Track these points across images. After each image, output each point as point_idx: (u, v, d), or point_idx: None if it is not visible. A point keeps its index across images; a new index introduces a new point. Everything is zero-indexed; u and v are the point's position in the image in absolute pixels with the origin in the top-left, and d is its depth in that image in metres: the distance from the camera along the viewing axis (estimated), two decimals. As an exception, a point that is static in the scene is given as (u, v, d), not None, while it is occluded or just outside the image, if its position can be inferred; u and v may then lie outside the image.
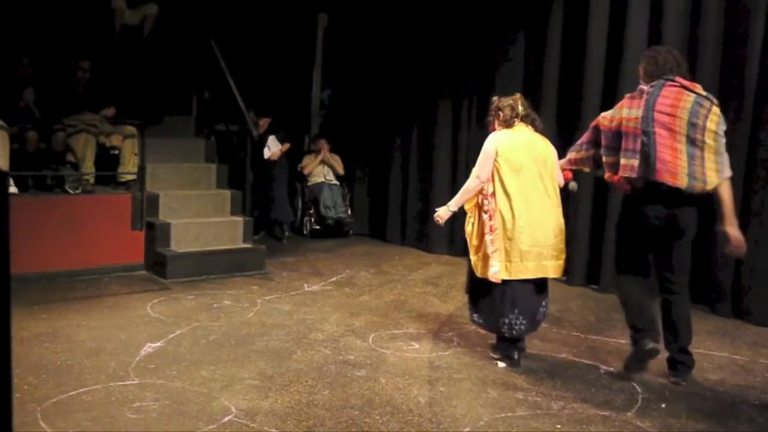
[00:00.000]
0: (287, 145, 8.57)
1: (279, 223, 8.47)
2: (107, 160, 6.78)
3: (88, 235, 6.21)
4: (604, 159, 4.22)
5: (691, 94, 3.99)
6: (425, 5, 8.01)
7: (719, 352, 4.76)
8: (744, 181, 5.52)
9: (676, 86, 4.02)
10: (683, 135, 3.93)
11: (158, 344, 4.48)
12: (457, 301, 5.89)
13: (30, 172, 6.32)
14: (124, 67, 7.39)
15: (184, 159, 7.37)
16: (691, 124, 3.92)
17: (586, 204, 6.54)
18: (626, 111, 4.07)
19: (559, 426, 3.47)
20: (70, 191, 6.30)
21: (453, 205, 4.42)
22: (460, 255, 7.83)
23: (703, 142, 3.92)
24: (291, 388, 3.83)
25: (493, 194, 4.19)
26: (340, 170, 8.94)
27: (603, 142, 4.21)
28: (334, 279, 6.56)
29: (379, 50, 8.61)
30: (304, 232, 8.84)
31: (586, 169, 4.61)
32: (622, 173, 4.07)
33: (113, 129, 6.75)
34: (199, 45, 7.52)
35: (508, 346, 4.33)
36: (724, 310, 5.65)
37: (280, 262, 7.09)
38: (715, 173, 3.95)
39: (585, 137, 4.44)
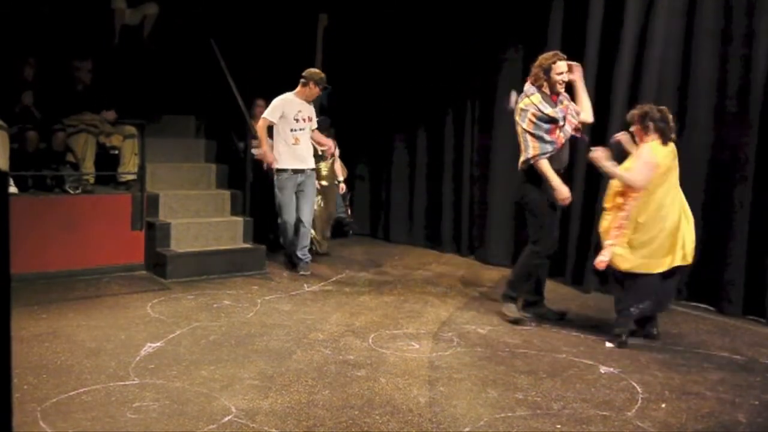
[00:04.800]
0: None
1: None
2: (107, 160, 6.78)
3: (88, 235, 6.21)
4: None
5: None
6: (426, 5, 8.01)
7: (719, 352, 4.76)
8: (754, 179, 5.50)
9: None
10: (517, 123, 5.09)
11: (158, 344, 4.48)
12: (458, 300, 5.90)
13: (30, 172, 6.31)
14: (124, 67, 7.39)
15: (184, 159, 7.37)
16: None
17: (587, 204, 6.54)
18: None
19: (559, 426, 3.47)
20: (70, 191, 6.30)
21: (610, 167, 4.71)
22: (466, 255, 7.85)
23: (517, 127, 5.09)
24: (291, 388, 3.83)
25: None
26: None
27: None
28: (334, 279, 6.56)
29: (380, 50, 8.60)
30: (305, 232, 8.81)
31: None
32: None
33: (113, 129, 6.74)
34: (199, 45, 7.52)
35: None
36: (734, 310, 5.60)
37: (280, 262, 7.09)
38: (522, 153, 5.06)
39: None
